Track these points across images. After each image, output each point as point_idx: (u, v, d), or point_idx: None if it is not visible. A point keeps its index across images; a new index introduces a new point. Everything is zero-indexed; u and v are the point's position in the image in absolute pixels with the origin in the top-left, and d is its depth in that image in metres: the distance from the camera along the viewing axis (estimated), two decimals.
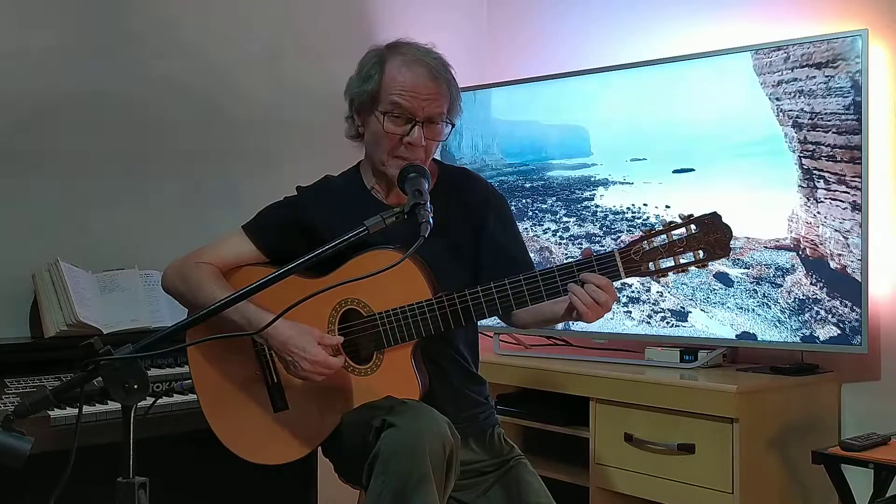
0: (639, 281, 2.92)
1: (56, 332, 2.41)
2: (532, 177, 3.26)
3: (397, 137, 1.90)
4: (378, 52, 1.97)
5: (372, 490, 1.69)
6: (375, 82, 1.92)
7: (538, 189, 3.25)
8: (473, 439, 1.98)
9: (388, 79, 1.91)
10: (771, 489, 2.53)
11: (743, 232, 2.71)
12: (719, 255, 1.76)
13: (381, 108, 1.91)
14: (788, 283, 2.65)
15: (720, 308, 2.78)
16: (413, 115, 1.89)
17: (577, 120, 3.13)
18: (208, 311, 1.54)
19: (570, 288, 1.78)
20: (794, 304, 2.64)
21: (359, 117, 1.98)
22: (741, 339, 2.75)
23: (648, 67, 2.96)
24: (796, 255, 2.63)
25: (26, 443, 1.33)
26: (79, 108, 2.72)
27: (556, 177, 3.19)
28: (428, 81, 1.90)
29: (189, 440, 2.26)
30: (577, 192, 3.13)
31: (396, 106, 1.89)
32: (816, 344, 2.61)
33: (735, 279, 2.76)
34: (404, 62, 1.92)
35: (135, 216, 2.81)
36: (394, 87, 1.90)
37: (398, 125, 1.90)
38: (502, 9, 3.78)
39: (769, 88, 2.68)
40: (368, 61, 1.96)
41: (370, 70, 1.94)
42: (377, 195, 2.01)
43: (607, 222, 3.04)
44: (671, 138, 2.88)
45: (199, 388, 2.01)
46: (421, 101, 1.89)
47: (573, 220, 3.14)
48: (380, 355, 1.90)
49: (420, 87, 1.90)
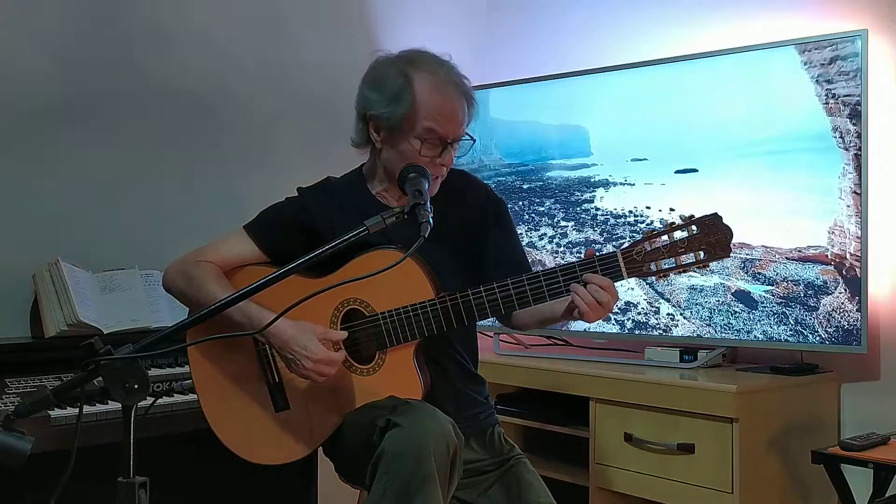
0: (646, 300, 2.91)
1: (56, 331, 2.41)
2: (530, 177, 3.26)
3: (428, 159, 1.90)
4: (401, 69, 1.91)
5: (375, 490, 1.69)
6: (407, 106, 1.88)
7: (536, 190, 3.23)
8: (474, 439, 1.98)
9: (421, 103, 1.88)
10: (771, 489, 2.53)
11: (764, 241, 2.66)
12: (720, 255, 1.77)
13: (417, 133, 1.89)
14: (828, 307, 2.58)
15: (743, 333, 2.75)
16: (446, 138, 1.90)
17: (577, 119, 3.13)
18: (208, 311, 1.54)
19: (572, 287, 1.79)
20: (826, 321, 2.63)
21: (379, 134, 1.95)
22: (740, 339, 2.75)
23: (649, 67, 2.96)
24: (837, 273, 2.56)
25: (27, 443, 1.33)
26: (79, 108, 2.72)
27: (554, 177, 3.18)
28: (459, 104, 1.91)
29: (189, 440, 2.26)
30: (577, 193, 3.12)
31: (432, 132, 1.89)
32: (816, 344, 2.61)
33: (760, 299, 2.70)
34: (435, 85, 1.89)
35: (135, 216, 2.81)
36: (428, 114, 1.88)
37: (433, 149, 1.90)
38: (502, 8, 3.78)
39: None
40: (391, 79, 1.91)
41: (398, 91, 1.89)
42: (382, 200, 2.01)
43: (608, 227, 3.01)
44: (673, 138, 2.88)
45: (200, 387, 2.01)
46: (453, 123, 1.90)
47: (571, 224, 3.12)
48: (382, 355, 1.90)
49: (454, 113, 1.90)
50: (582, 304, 1.77)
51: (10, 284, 2.53)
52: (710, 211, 1.79)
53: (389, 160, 1.95)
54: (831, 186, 2.57)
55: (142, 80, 2.85)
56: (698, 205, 1.98)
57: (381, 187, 2.01)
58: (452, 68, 1.94)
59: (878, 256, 2.59)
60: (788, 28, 2.80)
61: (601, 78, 3.08)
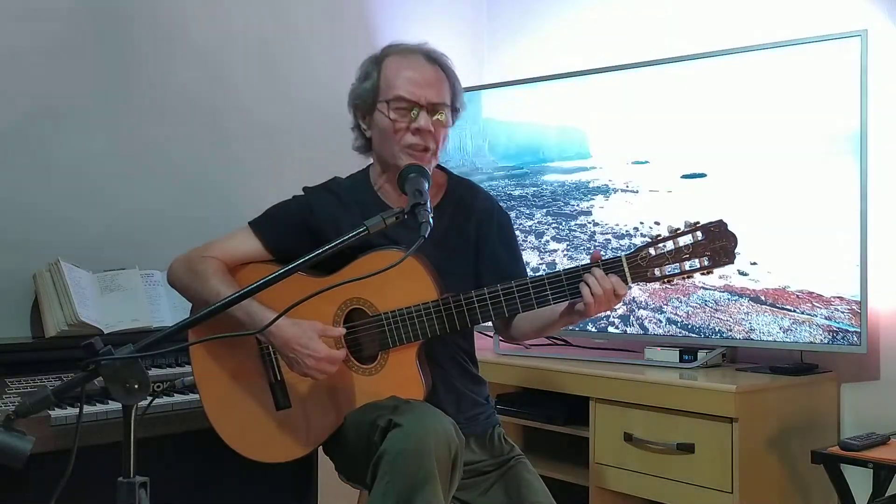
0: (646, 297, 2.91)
1: (57, 331, 2.41)
2: (524, 181, 3.19)
3: (404, 126, 1.92)
4: (373, 55, 2.01)
5: (376, 490, 1.69)
6: (374, 79, 1.96)
7: (527, 198, 3.14)
8: (474, 440, 1.98)
9: (386, 73, 1.95)
10: (770, 489, 2.53)
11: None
12: (724, 262, 1.78)
13: (386, 101, 1.93)
14: (828, 306, 2.60)
15: (743, 334, 2.74)
16: (416, 101, 1.91)
17: (577, 121, 3.12)
18: (209, 312, 1.54)
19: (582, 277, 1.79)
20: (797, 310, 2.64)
21: (364, 120, 1.99)
22: (740, 338, 2.75)
23: (648, 68, 2.96)
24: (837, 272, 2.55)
25: (27, 442, 1.33)
26: (79, 108, 2.72)
27: (549, 182, 3.12)
28: (425, 67, 1.94)
29: (189, 440, 2.26)
30: (573, 203, 3.02)
31: (398, 98, 1.91)
32: (816, 344, 2.61)
33: (760, 299, 2.70)
34: (399, 54, 1.97)
35: (135, 216, 2.81)
36: (394, 80, 1.93)
37: (403, 115, 1.92)
38: (502, 9, 3.78)
39: None
40: (365, 64, 2.01)
41: (368, 70, 1.99)
42: (384, 197, 2.01)
43: (608, 250, 2.85)
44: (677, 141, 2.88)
45: (202, 384, 2.01)
46: (422, 87, 1.92)
47: (563, 247, 2.98)
48: (384, 355, 1.90)
49: (419, 75, 1.93)
50: (587, 294, 1.77)
51: (10, 284, 2.53)
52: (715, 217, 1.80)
53: (377, 143, 1.99)
54: (831, 186, 2.57)
55: (142, 81, 2.85)
56: (706, 211, 1.97)
57: (382, 180, 2.02)
58: (425, 45, 1.99)
59: (878, 256, 2.59)
60: (788, 28, 2.80)
61: (601, 78, 3.07)
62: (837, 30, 2.61)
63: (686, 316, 2.84)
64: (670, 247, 1.79)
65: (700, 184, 2.82)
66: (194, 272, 1.96)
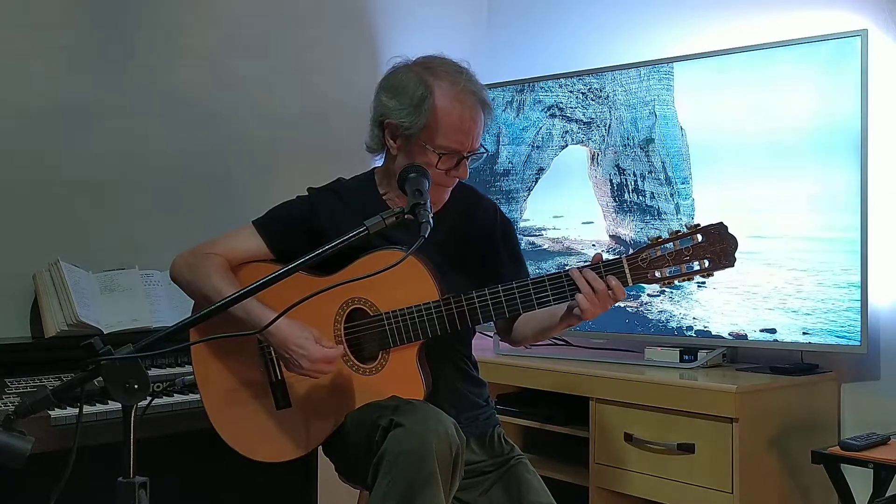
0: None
1: (57, 331, 2.41)
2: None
3: (444, 172, 1.91)
4: (421, 77, 1.90)
5: (377, 490, 1.69)
6: (427, 116, 1.87)
7: None
8: (474, 440, 1.98)
9: (440, 114, 1.87)
10: (770, 489, 2.53)
11: None
12: (725, 265, 1.78)
13: (435, 146, 1.88)
14: (828, 306, 2.59)
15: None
16: (462, 151, 1.90)
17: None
18: (209, 312, 1.53)
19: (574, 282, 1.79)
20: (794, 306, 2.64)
21: (396, 141, 1.94)
22: (740, 338, 2.75)
23: (647, 67, 2.96)
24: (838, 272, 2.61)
25: (27, 442, 1.33)
26: (80, 109, 2.72)
27: None
28: (478, 117, 1.91)
29: (189, 440, 2.26)
30: None
31: (449, 149, 1.89)
32: (816, 344, 2.61)
33: (760, 298, 2.72)
34: (455, 95, 1.89)
35: (135, 216, 2.81)
36: (448, 126, 1.87)
37: (449, 162, 1.90)
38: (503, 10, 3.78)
39: None
40: (411, 88, 1.90)
41: (418, 101, 1.88)
42: (390, 204, 2.00)
43: None
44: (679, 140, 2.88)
45: (202, 384, 2.01)
46: (469, 136, 1.90)
47: None
48: (385, 355, 1.90)
49: (473, 127, 1.90)
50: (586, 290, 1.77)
51: (10, 284, 2.53)
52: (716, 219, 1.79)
53: (401, 162, 1.94)
54: (831, 186, 2.57)
55: (143, 83, 2.85)
56: (706, 211, 1.97)
57: (390, 191, 2.01)
58: (471, 77, 1.93)
59: (878, 256, 2.59)
60: (788, 28, 2.80)
61: (601, 78, 3.07)
62: (837, 30, 2.61)
63: (686, 316, 2.84)
64: (671, 249, 1.79)
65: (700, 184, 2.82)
66: (196, 269, 1.96)
